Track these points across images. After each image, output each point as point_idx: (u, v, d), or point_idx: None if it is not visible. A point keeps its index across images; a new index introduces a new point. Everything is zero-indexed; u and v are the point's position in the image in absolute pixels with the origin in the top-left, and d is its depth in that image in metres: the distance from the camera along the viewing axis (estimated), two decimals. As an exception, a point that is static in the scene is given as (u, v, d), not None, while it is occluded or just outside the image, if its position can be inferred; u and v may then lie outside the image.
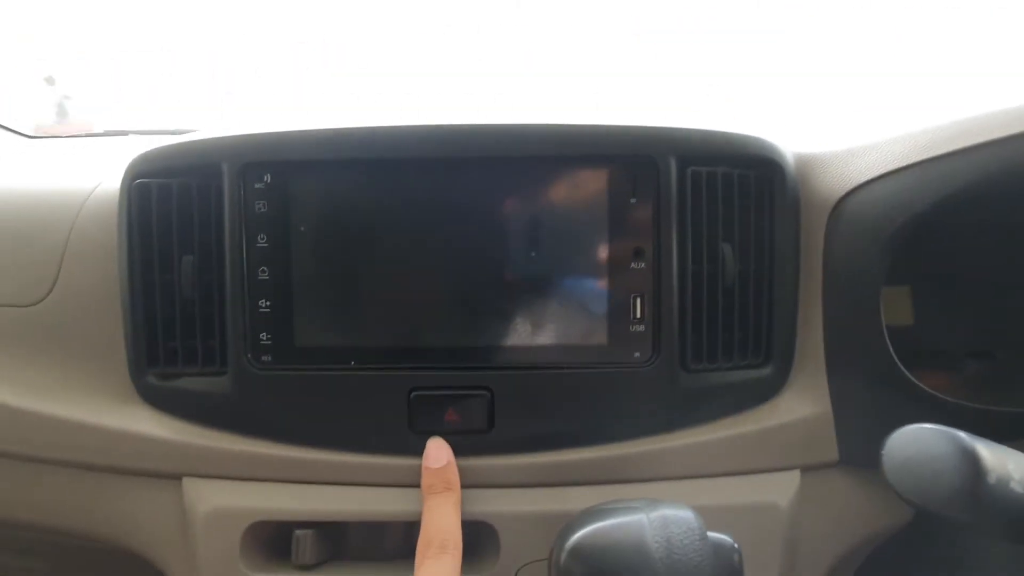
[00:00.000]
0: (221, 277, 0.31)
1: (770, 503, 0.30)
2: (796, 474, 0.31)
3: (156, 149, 0.33)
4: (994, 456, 0.19)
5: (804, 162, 0.34)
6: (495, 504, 0.30)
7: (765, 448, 0.31)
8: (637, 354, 0.31)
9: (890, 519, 0.33)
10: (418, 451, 0.31)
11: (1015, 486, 0.19)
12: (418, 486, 0.31)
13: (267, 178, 0.31)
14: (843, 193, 0.32)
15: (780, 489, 0.31)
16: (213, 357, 0.32)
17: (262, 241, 0.31)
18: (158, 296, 0.32)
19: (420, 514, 0.30)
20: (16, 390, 0.33)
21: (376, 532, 0.32)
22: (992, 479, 0.18)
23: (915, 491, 0.20)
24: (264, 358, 0.31)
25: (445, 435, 0.31)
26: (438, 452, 0.30)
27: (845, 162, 0.33)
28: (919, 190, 0.30)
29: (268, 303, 0.31)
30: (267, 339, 0.31)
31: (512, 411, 0.31)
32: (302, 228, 0.31)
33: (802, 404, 0.32)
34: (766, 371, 0.32)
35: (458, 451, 0.31)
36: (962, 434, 0.19)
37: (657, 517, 0.21)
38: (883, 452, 0.21)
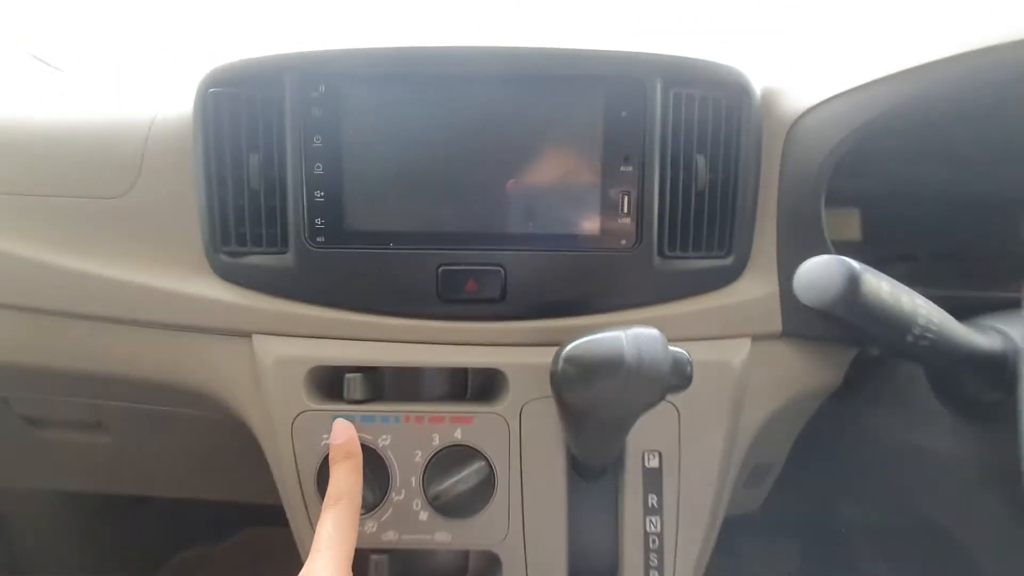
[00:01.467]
0: (283, 172, 0.38)
1: (725, 361, 0.38)
2: (747, 341, 0.39)
3: (227, 64, 0.39)
4: (869, 272, 0.26)
5: (768, 91, 0.40)
6: (506, 357, 0.38)
7: (723, 320, 0.39)
8: (623, 241, 0.38)
9: (821, 381, 0.40)
10: (443, 315, 0.38)
11: (884, 295, 0.26)
12: (440, 343, 0.38)
13: (321, 88, 0.37)
14: (796, 116, 0.39)
15: (734, 352, 0.38)
16: (276, 239, 0.39)
17: (317, 141, 0.38)
18: (230, 187, 0.39)
19: (435, 364, 0.37)
20: (110, 265, 0.40)
21: (409, 377, 0.39)
22: (865, 287, 0.26)
23: (814, 299, 0.27)
24: (319, 239, 0.38)
25: (464, 302, 0.38)
26: (340, 430, 0.35)
27: (799, 91, 0.40)
28: (852, 112, 0.37)
29: (322, 194, 0.38)
30: (321, 224, 0.38)
31: (521, 285, 0.38)
32: (351, 131, 0.38)
33: (755, 288, 0.39)
34: (728, 261, 0.39)
35: (476, 317, 0.38)
36: (849, 260, 0.27)
37: (632, 333, 0.28)
38: (796, 274, 0.28)
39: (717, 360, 0.38)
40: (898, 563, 0.85)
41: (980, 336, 0.29)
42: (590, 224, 0.38)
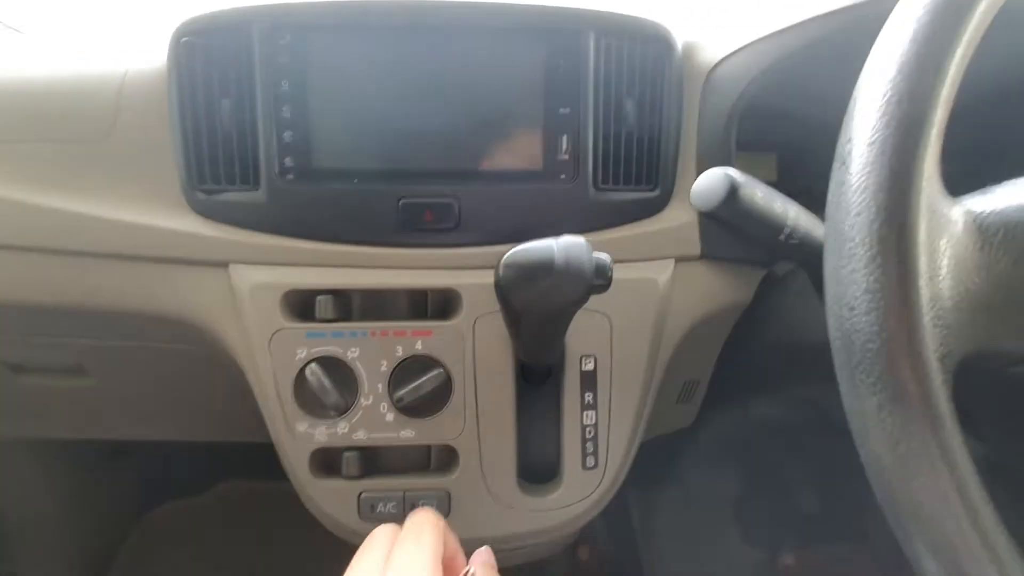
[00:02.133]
0: (253, 115, 0.42)
1: (651, 279, 0.44)
2: (671, 262, 0.45)
3: (198, 15, 0.42)
4: (746, 180, 0.32)
5: (688, 44, 0.46)
6: (460, 278, 0.43)
7: (650, 244, 0.45)
8: (563, 176, 0.43)
9: (734, 297, 0.47)
10: (404, 243, 0.43)
11: (758, 199, 0.32)
12: (401, 267, 0.43)
13: (287, 37, 0.41)
14: (710, 66, 0.45)
15: (659, 271, 0.44)
16: (248, 177, 0.43)
17: (284, 86, 0.41)
18: (204, 130, 0.42)
19: (396, 286, 0.42)
20: (92, 204, 0.43)
21: (375, 300, 0.44)
22: (742, 192, 0.32)
23: (703, 204, 0.33)
24: (288, 176, 0.42)
25: (422, 231, 0.43)
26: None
27: (714, 45, 0.45)
28: (752, 62, 0.42)
29: (290, 135, 0.42)
30: (290, 162, 0.42)
31: (473, 215, 0.43)
32: (315, 77, 0.42)
33: (678, 216, 0.45)
34: (654, 193, 0.45)
35: (434, 244, 0.43)
36: (732, 170, 0.32)
37: (561, 241, 0.33)
38: (692, 187, 0.34)
39: (644, 278, 0.44)
40: (811, 461, 0.95)
41: None
42: (533, 161, 0.43)
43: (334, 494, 0.41)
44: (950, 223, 0.21)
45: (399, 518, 0.41)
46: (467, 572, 0.32)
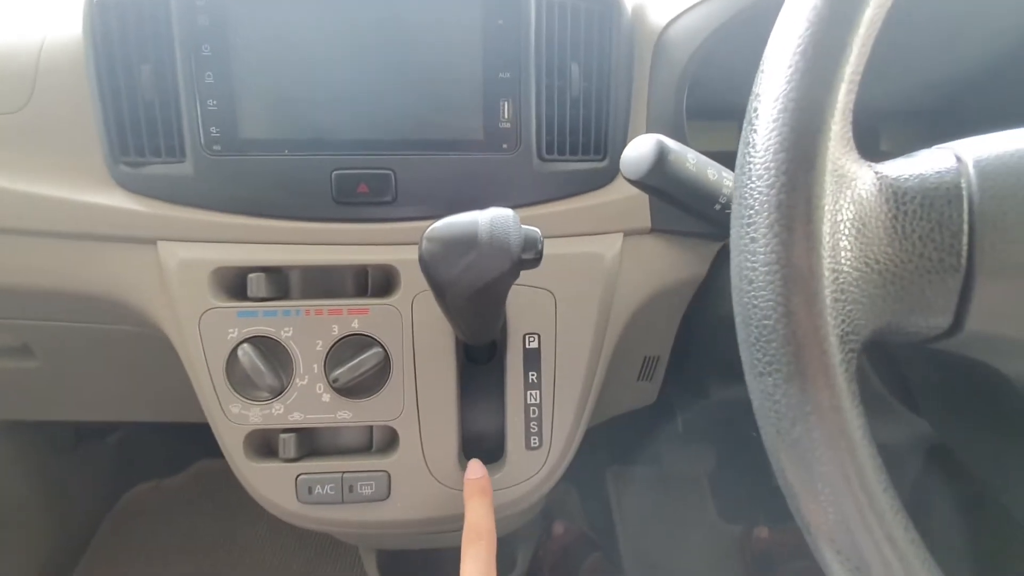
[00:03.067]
0: (175, 82, 0.40)
1: (598, 253, 0.42)
2: (619, 236, 0.43)
3: None
4: (677, 146, 0.30)
5: (638, 5, 0.43)
6: (398, 254, 0.41)
7: (598, 218, 0.43)
8: (505, 145, 0.41)
9: (687, 272, 0.45)
10: (340, 218, 0.41)
11: (689, 166, 0.30)
12: (337, 244, 0.41)
13: (207, -3, 0.38)
14: (661, 28, 0.42)
15: (606, 246, 0.43)
16: (173, 149, 0.41)
17: (206, 50, 0.39)
18: (124, 99, 0.40)
19: (337, 263, 0.41)
20: (11, 177, 0.41)
21: (313, 277, 0.42)
22: (672, 158, 0.30)
23: (631, 172, 0.31)
24: (215, 147, 0.40)
25: (358, 205, 0.41)
26: (475, 468, 0.39)
27: (665, 4, 0.43)
28: (704, 21, 0.40)
29: (215, 103, 0.40)
30: (216, 132, 0.40)
31: (410, 187, 0.41)
32: (238, 40, 0.39)
33: (627, 187, 0.43)
34: (603, 164, 0.43)
35: (371, 218, 0.41)
36: (661, 136, 0.30)
37: (487, 213, 0.31)
38: (621, 157, 0.32)
39: (591, 252, 0.42)
40: None
41: None
42: (473, 129, 0.41)
43: (271, 477, 0.40)
44: (860, 188, 0.19)
45: (337, 500, 0.40)
46: None
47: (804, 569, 0.90)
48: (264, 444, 0.42)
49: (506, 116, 0.41)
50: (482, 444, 0.43)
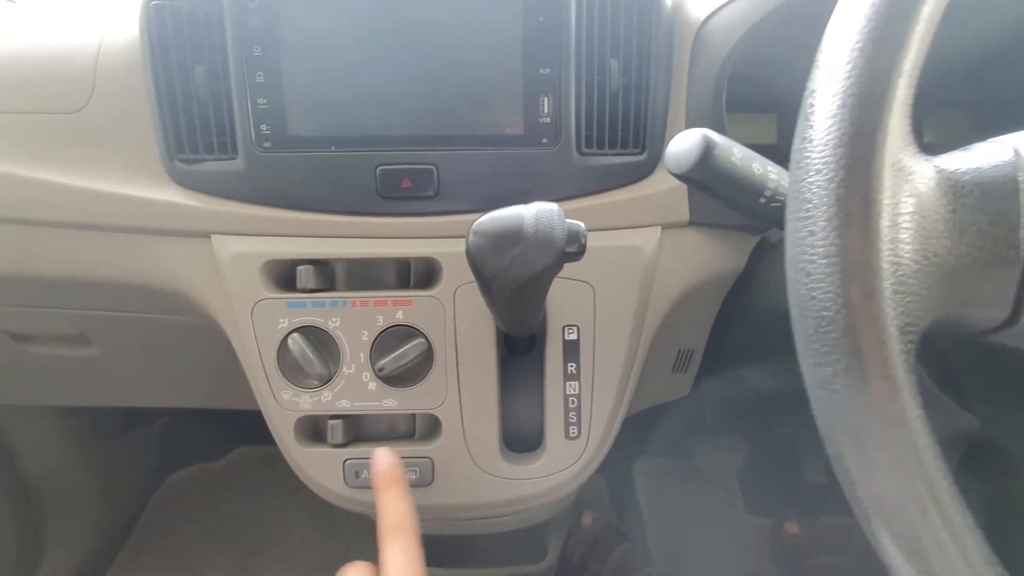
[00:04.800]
0: (227, 82, 0.41)
1: (636, 246, 0.43)
2: (657, 229, 0.43)
3: None
4: (723, 140, 0.30)
5: None
6: (441, 247, 0.42)
7: (636, 211, 0.43)
8: (544, 140, 0.42)
9: (725, 265, 0.45)
10: (384, 212, 0.42)
11: (735, 160, 0.30)
12: (382, 237, 0.42)
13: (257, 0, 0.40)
14: (701, 21, 0.42)
15: (645, 239, 0.43)
16: (226, 146, 0.42)
17: (257, 51, 0.40)
18: (180, 99, 0.42)
19: (382, 256, 0.42)
20: (73, 175, 0.43)
21: (358, 270, 0.43)
22: (717, 152, 0.30)
23: (676, 166, 0.31)
24: (265, 144, 0.42)
25: (402, 199, 0.42)
26: (382, 457, 0.35)
27: (708, -6, 0.43)
28: (745, 14, 0.40)
29: (265, 101, 0.41)
30: (266, 130, 0.42)
31: (452, 182, 0.42)
32: (287, 41, 0.40)
33: (666, 181, 0.43)
34: (641, 157, 0.43)
35: (414, 212, 0.43)
36: (707, 131, 0.31)
37: (532, 207, 0.32)
38: (666, 149, 0.32)
39: (629, 245, 0.43)
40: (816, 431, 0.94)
41: None
42: (513, 125, 0.42)
43: (320, 461, 0.42)
44: (918, 182, 0.19)
45: (382, 485, 0.42)
46: None
47: (835, 564, 0.89)
48: (312, 430, 0.43)
49: (546, 111, 0.41)
50: (520, 434, 0.44)
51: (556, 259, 0.32)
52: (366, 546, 0.35)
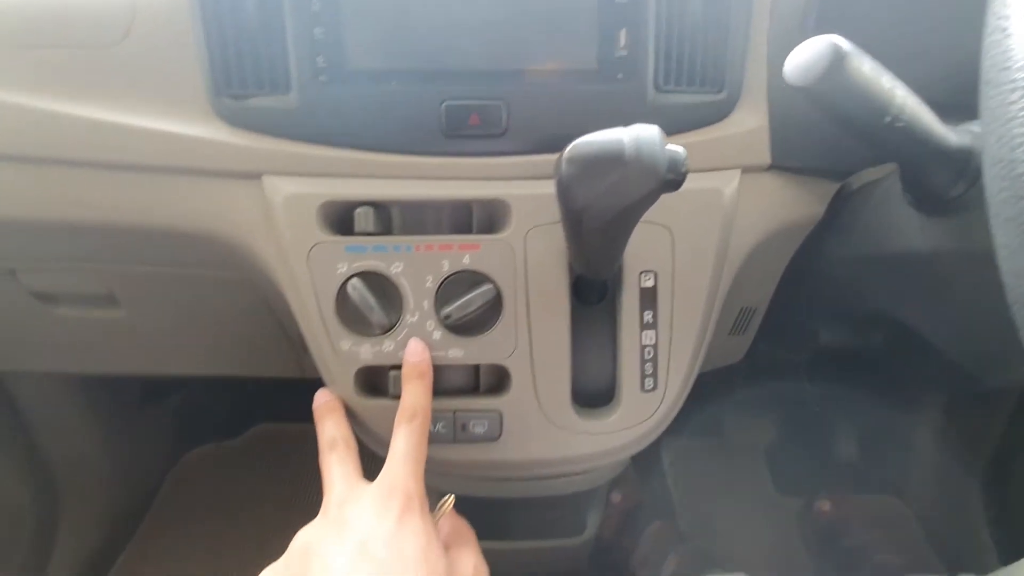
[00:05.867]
0: (280, 10, 0.38)
1: (716, 189, 0.40)
2: (737, 172, 0.41)
3: None
4: (853, 48, 0.28)
5: None
6: (508, 188, 0.40)
7: (715, 153, 0.41)
8: (620, 76, 0.39)
9: (804, 212, 0.43)
10: (449, 152, 0.40)
11: (866, 71, 0.28)
12: (448, 178, 0.40)
13: (317, -82, 0.37)
14: None
15: (724, 182, 0.41)
16: (278, 80, 0.39)
17: None
18: (227, 29, 0.39)
19: (447, 198, 0.40)
20: (115, 111, 0.40)
21: (415, 214, 0.41)
22: (849, 61, 0.28)
23: (801, 76, 0.29)
24: (321, 79, 0.39)
25: (467, 138, 0.39)
26: (414, 349, 0.38)
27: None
28: None
29: (322, 31, 0.38)
30: (323, 63, 0.39)
31: (522, 119, 0.39)
32: (349, -36, 0.37)
33: (746, 121, 0.41)
34: (720, 96, 0.41)
35: (480, 152, 0.40)
36: (837, 37, 0.28)
37: (632, 129, 0.30)
38: (787, 58, 0.29)
39: (709, 188, 0.40)
40: (857, 406, 0.93)
41: (951, 132, 0.31)
42: (587, 59, 0.39)
43: (382, 414, 0.39)
44: None
45: (449, 439, 0.40)
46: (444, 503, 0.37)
47: (868, 544, 0.88)
48: (371, 382, 0.41)
49: (622, 44, 0.39)
50: (592, 388, 0.41)
51: (657, 186, 0.29)
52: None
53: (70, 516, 0.86)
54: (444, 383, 0.41)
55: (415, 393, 0.37)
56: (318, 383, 0.42)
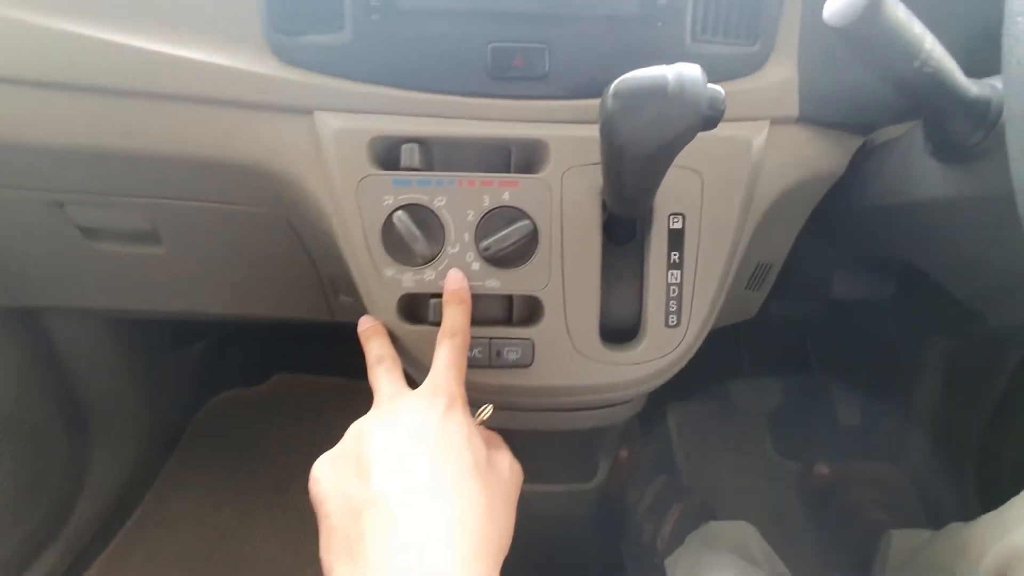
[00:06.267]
0: None
1: (746, 137, 0.42)
2: (766, 123, 0.43)
3: None
4: None
5: None
6: (548, 130, 0.42)
7: (746, 103, 0.43)
8: (660, 23, 0.41)
9: (828, 165, 0.45)
10: (492, 94, 0.42)
11: (901, 16, 0.30)
12: (491, 119, 0.42)
13: None
14: None
15: (753, 131, 0.42)
16: (332, 17, 0.41)
17: None
18: None
19: (490, 137, 0.42)
20: (173, 44, 0.42)
21: (455, 153, 0.43)
22: (886, 4, 0.29)
23: (840, 16, 0.30)
24: (374, 17, 0.41)
25: (511, 80, 0.41)
26: (454, 278, 0.41)
27: None
28: None
29: None
30: (376, 1, 0.41)
31: (563, 62, 0.41)
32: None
33: (777, 74, 0.43)
34: (754, 48, 0.43)
35: (522, 95, 0.42)
36: None
37: (674, 67, 0.32)
38: (826, 3, 0.31)
39: (739, 136, 0.42)
40: (858, 372, 0.95)
41: (972, 83, 0.33)
42: (629, 5, 0.41)
43: (423, 338, 0.42)
44: None
45: (485, 364, 0.42)
46: (483, 411, 0.39)
47: (865, 502, 0.91)
48: (411, 311, 0.44)
49: None
50: (618, 323, 0.44)
51: (697, 122, 0.31)
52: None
53: (101, 451, 0.90)
54: (481, 314, 0.43)
55: (455, 316, 0.39)
56: (336, 336, 0.44)
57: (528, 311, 0.44)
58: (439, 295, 0.42)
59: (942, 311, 0.50)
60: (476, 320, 0.43)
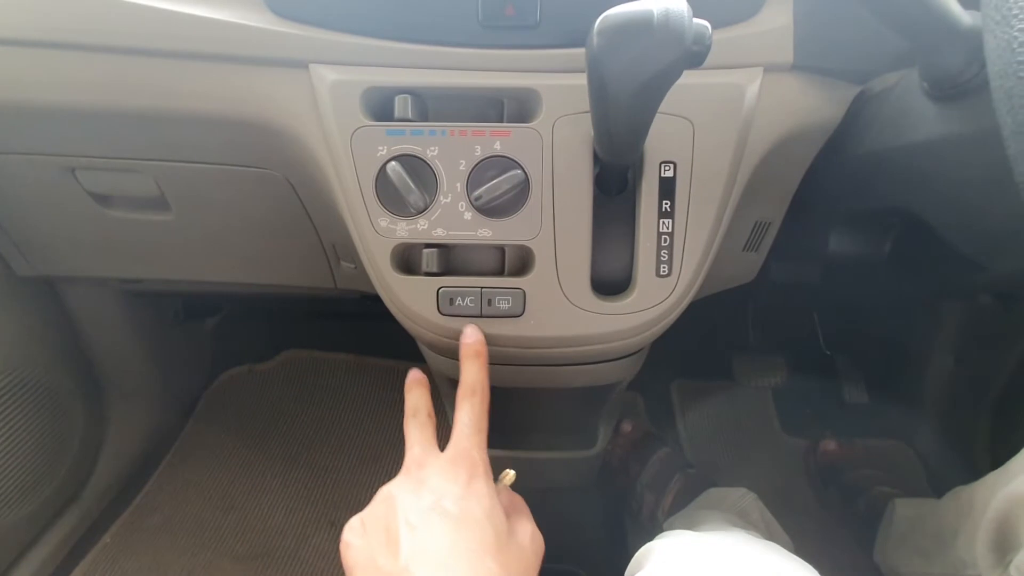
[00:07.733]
0: None
1: (738, 84, 0.42)
2: (760, 70, 0.42)
3: None
4: None
5: None
6: (540, 79, 0.42)
7: (740, 50, 0.42)
8: None
9: (823, 114, 0.45)
10: (484, 44, 0.42)
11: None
12: (483, 69, 0.42)
13: None
14: None
15: (747, 78, 0.42)
16: None
17: None
18: None
19: (482, 86, 0.42)
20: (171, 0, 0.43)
21: (448, 105, 0.43)
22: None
23: None
24: (366, -31, 0.41)
25: (503, 29, 0.42)
26: (471, 332, 0.42)
27: None
28: None
29: None
30: (368, -47, 0.41)
31: (555, 11, 0.41)
32: None
33: (772, 20, 0.42)
34: (748, -4, 0.42)
35: (513, 44, 0.42)
36: None
37: (660, 1, 0.31)
38: None
39: (731, 83, 0.42)
40: (864, 342, 0.94)
41: (965, 13, 0.33)
42: None
43: (415, 288, 0.43)
44: None
45: (476, 313, 0.43)
46: (504, 476, 0.41)
47: (869, 478, 0.90)
48: (405, 262, 0.44)
49: None
50: (609, 276, 0.44)
51: (682, 55, 0.31)
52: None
53: (115, 422, 0.93)
54: (473, 265, 0.44)
55: (473, 371, 0.40)
56: (343, 314, 0.45)
57: (521, 263, 0.44)
58: (432, 245, 0.43)
59: (942, 264, 0.49)
60: (469, 271, 0.44)
